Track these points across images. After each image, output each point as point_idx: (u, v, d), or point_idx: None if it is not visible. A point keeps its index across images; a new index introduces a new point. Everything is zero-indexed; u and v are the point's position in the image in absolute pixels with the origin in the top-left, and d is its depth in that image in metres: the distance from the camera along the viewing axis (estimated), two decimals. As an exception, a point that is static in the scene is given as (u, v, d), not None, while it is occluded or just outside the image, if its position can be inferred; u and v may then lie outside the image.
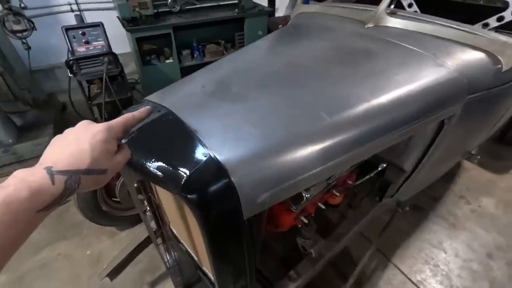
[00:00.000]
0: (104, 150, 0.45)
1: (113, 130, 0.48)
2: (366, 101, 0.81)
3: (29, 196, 0.36)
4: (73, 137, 0.45)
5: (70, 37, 1.96)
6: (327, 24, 1.31)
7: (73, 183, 0.40)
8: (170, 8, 2.89)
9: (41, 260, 1.70)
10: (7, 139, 2.36)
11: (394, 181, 1.32)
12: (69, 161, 0.41)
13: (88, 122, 0.48)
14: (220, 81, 0.87)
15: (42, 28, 2.45)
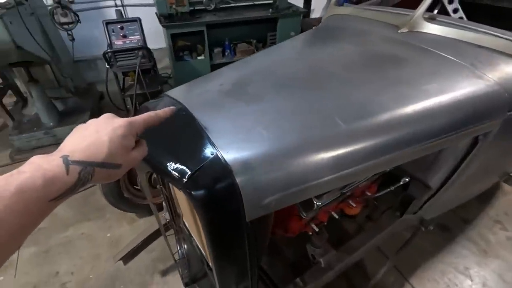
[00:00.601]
0: (122, 145, 0.45)
1: (133, 126, 0.48)
2: (388, 110, 0.76)
3: (43, 184, 0.36)
4: (94, 128, 0.45)
5: (110, 31, 2.08)
6: (357, 28, 1.26)
7: (87, 174, 0.41)
8: (205, 6, 2.95)
9: (66, 238, 1.82)
10: (49, 122, 2.56)
11: (418, 197, 1.24)
12: (85, 152, 0.41)
13: (110, 115, 0.49)
14: (238, 81, 0.87)
15: (86, 21, 2.62)
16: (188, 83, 0.94)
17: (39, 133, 2.50)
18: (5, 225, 0.32)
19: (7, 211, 0.32)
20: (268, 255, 1.67)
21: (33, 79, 2.37)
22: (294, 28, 3.26)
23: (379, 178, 1.20)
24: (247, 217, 0.64)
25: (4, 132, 2.79)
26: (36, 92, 2.41)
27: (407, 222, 1.36)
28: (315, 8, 4.21)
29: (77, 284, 1.58)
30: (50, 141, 2.55)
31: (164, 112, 0.55)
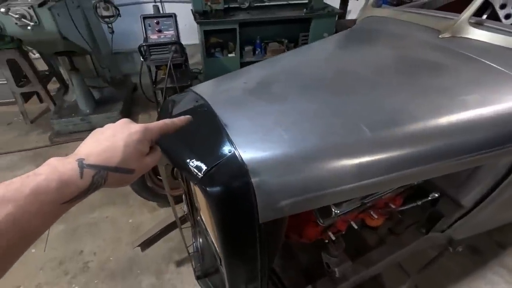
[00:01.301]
0: (136, 150, 0.45)
1: (149, 132, 0.48)
2: (420, 120, 0.71)
3: (57, 187, 0.36)
4: (111, 133, 0.46)
5: (146, 25, 2.16)
6: (394, 30, 1.19)
7: (100, 178, 0.41)
8: (240, 4, 2.97)
9: (92, 219, 1.93)
10: (85, 109, 2.72)
11: (447, 215, 1.15)
12: (101, 156, 0.42)
13: (127, 120, 0.49)
14: (263, 79, 0.86)
15: (126, 16, 2.75)
16: (214, 80, 0.95)
17: (76, 118, 2.67)
18: (17, 226, 0.33)
19: (20, 212, 0.33)
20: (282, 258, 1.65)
21: (75, 68, 2.53)
22: (328, 29, 3.18)
23: (405, 190, 1.13)
24: (260, 218, 0.63)
25: (47, 116, 3.01)
26: (77, 80, 2.57)
27: (433, 240, 1.28)
28: (351, 10, 4.08)
29: (98, 264, 1.66)
30: (85, 127, 2.71)
31: (180, 120, 0.56)
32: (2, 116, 3.09)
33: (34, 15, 1.82)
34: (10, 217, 0.32)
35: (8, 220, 0.32)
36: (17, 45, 2.49)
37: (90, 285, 1.56)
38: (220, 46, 3.17)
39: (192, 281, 1.43)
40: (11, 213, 0.32)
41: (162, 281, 1.56)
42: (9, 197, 0.33)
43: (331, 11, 3.13)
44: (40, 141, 2.73)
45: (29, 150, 2.61)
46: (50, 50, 2.46)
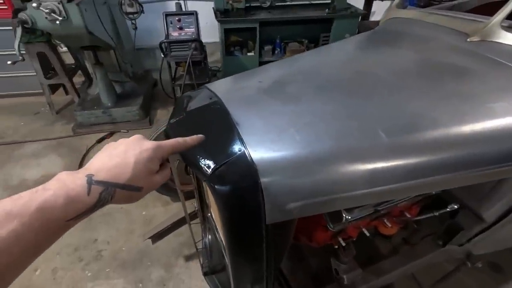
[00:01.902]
0: (146, 168, 0.45)
1: (161, 150, 0.48)
2: (441, 126, 0.68)
3: (64, 204, 0.36)
4: (123, 149, 0.46)
5: (168, 22, 2.21)
6: (419, 33, 1.15)
7: (107, 195, 0.41)
8: (261, 3, 2.97)
9: (107, 209, 1.98)
10: (107, 103, 2.81)
11: (467, 228, 1.09)
12: (110, 172, 0.42)
13: (140, 137, 0.50)
14: (279, 79, 0.85)
15: (149, 13, 2.82)
16: (229, 77, 0.95)
17: (98, 111, 2.76)
18: (21, 242, 0.33)
19: (25, 229, 0.33)
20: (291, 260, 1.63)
21: (99, 62, 2.62)
22: (350, 30, 3.12)
23: (422, 200, 1.08)
24: (267, 219, 0.62)
25: (71, 107, 3.14)
26: (100, 74, 2.65)
27: (450, 253, 1.22)
28: (376, 11, 3.97)
29: (111, 253, 1.71)
30: (106, 119, 2.80)
31: (192, 139, 0.57)
32: (30, 106, 3.25)
33: (63, 10, 1.90)
34: (14, 234, 0.32)
35: (11, 236, 0.32)
36: (47, 38, 2.61)
37: (102, 273, 1.61)
38: (240, 44, 3.18)
39: (200, 276, 1.44)
40: (15, 230, 0.32)
41: (171, 275, 1.59)
42: (16, 213, 0.33)
43: (354, 12, 3.06)
44: (63, 131, 2.85)
45: (53, 139, 2.73)
46: (76, 44, 2.56)
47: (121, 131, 2.81)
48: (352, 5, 3.17)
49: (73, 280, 1.58)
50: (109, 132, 2.78)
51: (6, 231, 0.32)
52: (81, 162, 2.42)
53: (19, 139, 2.75)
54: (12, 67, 2.16)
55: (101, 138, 2.70)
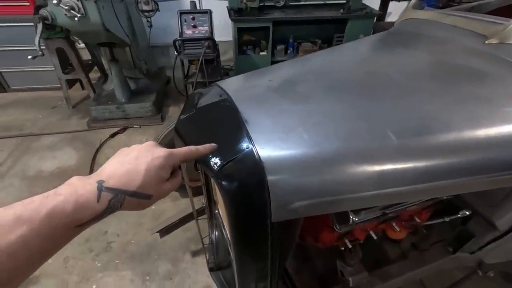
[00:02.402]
0: (157, 176, 0.45)
1: (173, 158, 0.48)
2: (454, 130, 0.66)
3: (73, 211, 0.36)
4: (135, 155, 0.46)
5: (182, 20, 2.23)
6: (435, 34, 1.12)
7: (117, 203, 0.41)
8: (275, 2, 2.96)
9: (119, 202, 2.03)
10: (121, 98, 2.87)
11: (478, 236, 1.06)
12: (121, 179, 0.42)
13: (153, 144, 0.49)
14: (289, 78, 0.85)
15: (165, 11, 2.86)
16: (241, 75, 0.96)
17: (112, 106, 2.83)
18: (28, 248, 0.33)
19: (33, 234, 0.33)
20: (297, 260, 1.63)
21: (115, 58, 2.68)
22: (364, 31, 3.07)
23: (433, 205, 1.06)
24: (273, 217, 0.62)
25: (87, 102, 3.22)
26: (115, 70, 2.71)
27: (460, 261, 1.19)
28: (392, 12, 3.91)
29: (120, 245, 1.75)
30: (120, 115, 2.86)
31: (205, 148, 0.56)
32: (48, 100, 3.36)
33: (81, 7, 1.96)
34: (22, 239, 0.32)
35: (19, 241, 0.32)
36: (66, 35, 2.69)
37: (111, 264, 1.65)
38: (253, 44, 3.19)
39: (205, 272, 1.46)
40: (24, 235, 0.32)
41: (178, 269, 1.61)
42: (25, 218, 0.33)
43: (369, 12, 3.02)
44: (79, 125, 2.93)
45: (69, 133, 2.82)
46: (94, 40, 2.62)
47: (134, 127, 2.87)
48: (368, 6, 3.12)
49: (83, 269, 1.63)
50: (122, 127, 2.84)
51: (14, 236, 0.32)
52: (94, 156, 2.48)
53: (37, 132, 2.84)
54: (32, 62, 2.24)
55: (114, 133, 2.76)
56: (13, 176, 2.30)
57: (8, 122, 2.99)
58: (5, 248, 0.31)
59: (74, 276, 1.59)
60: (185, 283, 1.55)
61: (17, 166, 2.42)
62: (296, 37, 3.21)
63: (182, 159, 0.50)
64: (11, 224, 0.32)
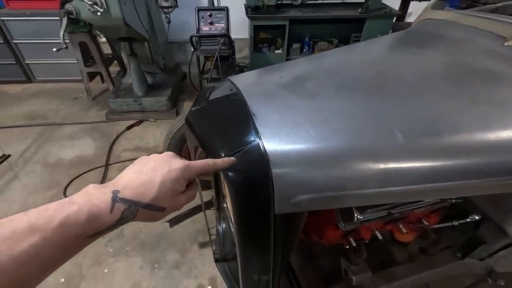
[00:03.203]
0: (172, 189, 0.45)
1: (188, 171, 0.47)
2: (463, 132, 0.66)
3: (85, 222, 0.36)
4: (152, 165, 0.45)
5: (200, 17, 2.27)
6: (453, 35, 1.10)
7: (129, 214, 0.41)
8: (292, 1, 2.95)
9: (132, 192, 2.10)
10: (138, 92, 2.96)
11: (489, 242, 1.04)
12: (135, 190, 0.42)
13: (171, 155, 0.49)
14: (300, 75, 0.86)
15: (183, 7, 2.91)
16: (253, 71, 0.98)
17: (129, 99, 2.92)
18: (39, 257, 0.33)
19: (45, 244, 0.33)
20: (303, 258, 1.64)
21: (134, 53, 2.76)
22: (382, 31, 3.02)
23: (442, 208, 1.05)
24: (276, 209, 0.64)
25: (106, 95, 3.33)
26: (134, 65, 2.79)
27: (469, 267, 1.16)
28: (413, 12, 3.80)
29: (132, 233, 1.82)
30: (137, 108, 2.95)
31: (223, 162, 0.56)
32: (70, 91, 3.50)
33: (104, 3, 2.03)
34: (34, 248, 0.32)
35: (31, 250, 0.32)
36: (88, 29, 2.80)
37: (123, 250, 1.72)
38: (268, 42, 3.19)
39: (212, 263, 1.50)
40: (36, 244, 0.32)
41: (185, 259, 1.66)
42: (39, 227, 0.33)
43: (389, 12, 2.96)
44: (98, 116, 3.04)
45: (88, 123, 2.93)
46: (114, 35, 2.71)
47: (150, 120, 2.95)
48: (387, 5, 3.06)
49: (97, 254, 1.70)
50: (138, 120, 2.92)
51: (27, 244, 0.32)
52: (111, 147, 2.57)
53: (59, 121, 2.97)
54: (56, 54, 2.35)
55: (130, 125, 2.85)
56: (35, 162, 2.43)
57: (33, 111, 3.14)
58: (17, 256, 0.31)
59: (87, 259, 1.67)
60: (192, 272, 1.59)
61: (39, 153, 2.54)
62: (313, 36, 3.19)
63: (199, 172, 0.50)
64: (24, 231, 0.32)
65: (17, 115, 3.07)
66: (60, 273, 1.60)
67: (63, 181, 2.19)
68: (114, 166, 2.37)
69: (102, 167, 2.32)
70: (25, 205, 2.01)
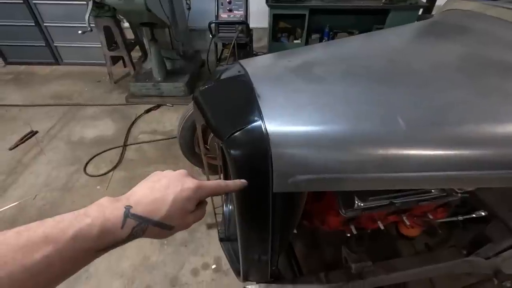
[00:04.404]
0: (182, 208, 0.45)
1: (201, 192, 0.48)
2: (469, 122, 0.65)
3: (97, 236, 0.36)
4: (166, 183, 0.46)
5: (219, 4, 2.29)
6: (473, 26, 1.06)
7: (140, 231, 0.41)
8: (314, -11, 2.89)
9: (146, 172, 2.18)
10: (157, 77, 3.03)
11: (496, 241, 1.02)
12: (147, 207, 0.42)
13: (184, 173, 0.50)
14: (308, 60, 0.87)
15: (204, -6, 2.93)
16: (263, 56, 0.99)
17: (149, 84, 3.00)
18: (50, 269, 0.33)
19: (57, 256, 0.33)
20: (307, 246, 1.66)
21: (154, 38, 2.82)
22: (407, 23, 2.90)
23: (448, 204, 1.04)
24: (275, 188, 0.66)
25: (127, 79, 3.45)
26: (154, 50, 2.86)
27: (474, 266, 1.14)
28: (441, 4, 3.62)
29: (145, 210, 1.91)
30: (155, 92, 3.03)
31: (234, 184, 0.56)
32: (94, 74, 3.64)
33: (127, -12, 2.09)
34: (46, 260, 0.33)
35: (43, 261, 0.32)
36: (113, 14, 2.88)
37: (135, 226, 1.81)
38: (288, 31, 3.16)
39: (218, 244, 1.55)
40: (49, 256, 0.33)
41: (193, 238, 1.73)
42: (53, 238, 0.33)
43: (414, 4, 2.84)
44: (119, 99, 3.16)
45: (109, 105, 3.05)
46: (136, 20, 2.77)
47: (167, 105, 3.02)
48: (414, -4, 2.94)
49: (111, 227, 1.80)
50: (156, 105, 3.01)
51: (40, 255, 0.32)
52: (129, 129, 2.68)
53: (82, 102, 3.12)
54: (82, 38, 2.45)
55: (148, 109, 2.94)
56: (60, 140, 2.57)
57: (60, 92, 3.31)
58: (30, 267, 0.31)
59: (103, 231, 1.78)
60: (199, 251, 1.66)
61: (64, 130, 2.69)
62: (333, 26, 3.13)
63: (210, 193, 0.50)
64: (39, 242, 0.33)
65: (45, 95, 3.24)
66: (77, 242, 1.71)
67: (84, 158, 2.32)
68: (131, 147, 2.47)
69: (120, 147, 2.43)
70: (49, 178, 2.16)
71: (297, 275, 1.17)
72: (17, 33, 3.60)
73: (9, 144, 2.49)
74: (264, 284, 1.09)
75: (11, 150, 2.44)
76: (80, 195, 2.01)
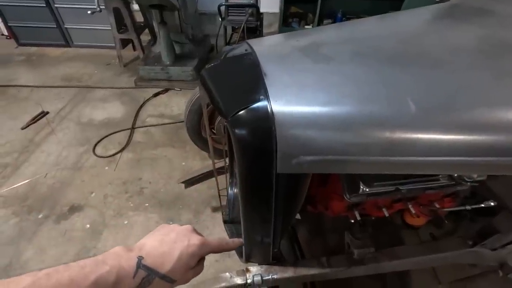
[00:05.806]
0: (186, 263, 0.47)
1: (205, 249, 0.50)
2: (482, 106, 0.62)
3: (114, 282, 0.38)
4: (173, 237, 0.48)
5: (229, -15, 2.23)
6: (496, 8, 1.01)
7: (147, 282, 0.42)
8: (328, -28, 2.79)
9: (153, 155, 2.23)
10: (166, 61, 3.02)
11: (504, 232, 1.00)
12: (156, 260, 0.44)
13: (191, 229, 0.52)
14: (317, 40, 0.84)
15: (214, -24, 2.86)
16: (272, 36, 0.96)
17: (157, 67, 3.00)
18: None
19: None
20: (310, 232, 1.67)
21: (164, 21, 2.80)
22: (424, 9, 2.78)
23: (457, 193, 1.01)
24: (278, 169, 0.66)
25: (136, 62, 3.45)
26: (163, 33, 2.84)
27: (479, 257, 1.13)
28: (463, -10, 3.45)
29: (151, 191, 1.95)
30: (164, 76, 3.03)
31: (234, 243, 0.62)
32: (104, 57, 3.65)
33: (137, -33, 2.05)
34: None
35: None
36: (122, -5, 2.86)
37: (142, 206, 1.85)
38: (299, 16, 3.09)
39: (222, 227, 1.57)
40: None
41: (198, 220, 1.76)
42: (77, 282, 0.36)
43: (434, -12, 2.71)
44: (128, 82, 3.17)
45: (118, 88, 3.07)
46: (146, 2, 2.75)
47: (175, 89, 3.02)
48: (433, -19, 2.80)
49: (118, 206, 1.85)
50: (164, 88, 3.01)
51: None
52: (137, 112, 2.70)
53: (92, 85, 3.14)
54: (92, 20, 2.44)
55: (157, 93, 2.95)
56: (70, 120, 2.62)
57: (70, 74, 3.34)
58: None
59: (110, 210, 1.82)
60: (203, 233, 1.65)
61: (73, 112, 2.73)
62: (346, 11, 3.03)
63: (213, 251, 0.53)
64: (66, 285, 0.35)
65: (55, 77, 3.28)
66: (86, 220, 1.77)
67: (93, 139, 2.36)
68: (139, 129, 2.50)
69: (128, 130, 2.45)
70: (60, 157, 2.21)
71: (299, 259, 1.18)
72: (29, 14, 3.62)
73: (21, 123, 2.55)
74: (266, 265, 1.10)
75: (23, 129, 2.50)
76: (89, 175, 2.06)
